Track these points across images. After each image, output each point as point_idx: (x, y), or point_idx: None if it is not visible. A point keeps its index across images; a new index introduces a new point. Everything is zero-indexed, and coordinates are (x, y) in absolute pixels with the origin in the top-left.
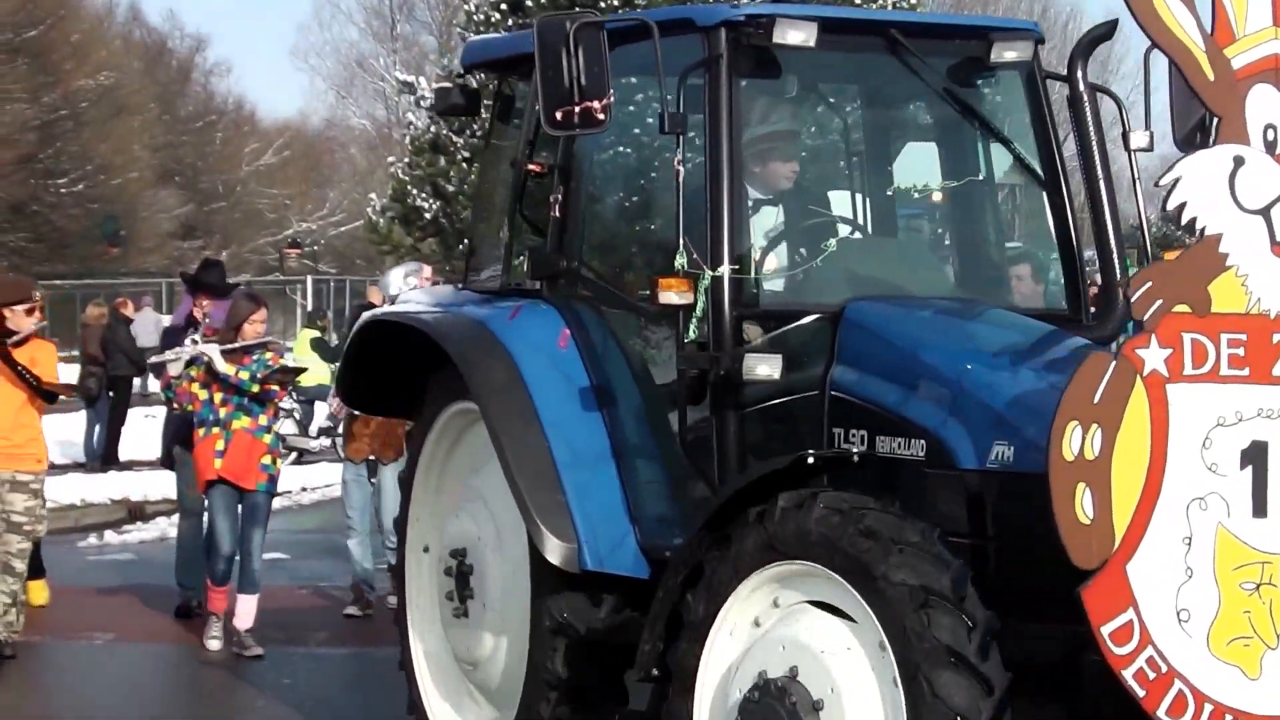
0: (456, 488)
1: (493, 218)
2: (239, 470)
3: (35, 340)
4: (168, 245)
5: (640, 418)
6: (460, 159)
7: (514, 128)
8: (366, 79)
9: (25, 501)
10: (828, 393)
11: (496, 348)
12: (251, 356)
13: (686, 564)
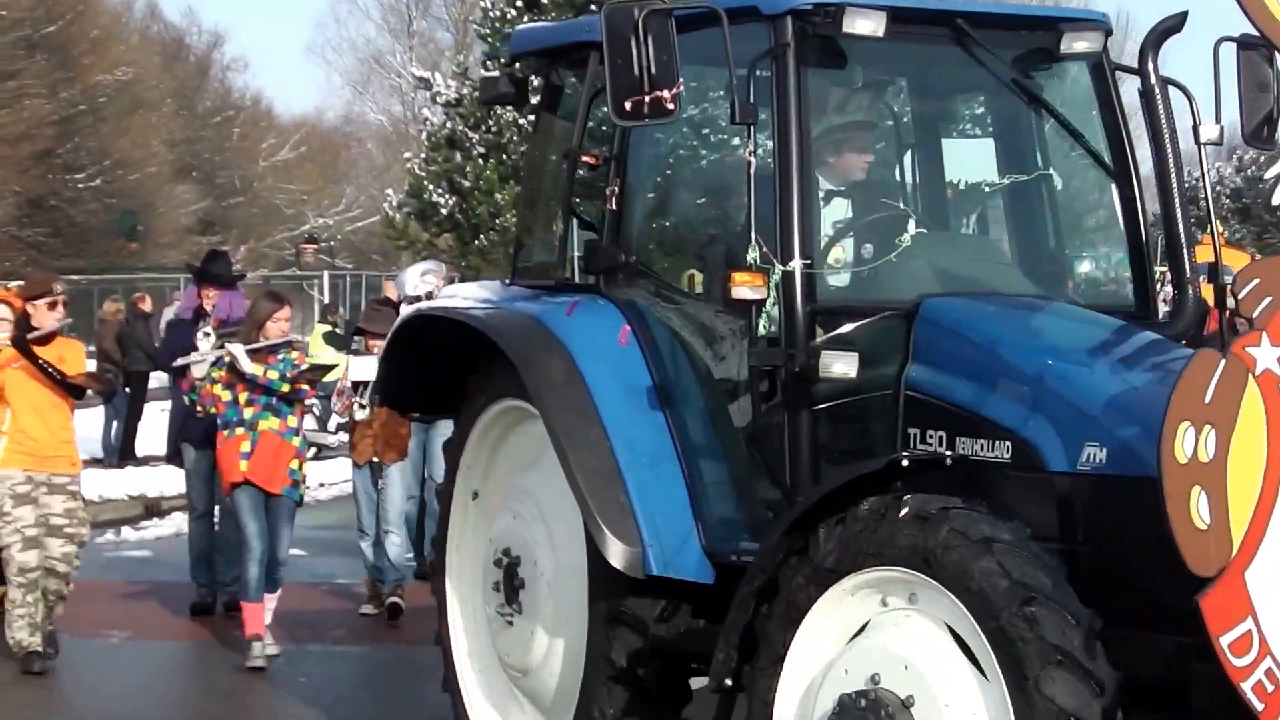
0: (501, 488)
1: (539, 211)
2: (266, 473)
3: (62, 339)
4: (185, 240)
5: (703, 416)
6: (476, 155)
7: (562, 119)
8: (383, 75)
9: (64, 503)
10: (902, 392)
11: (554, 345)
12: (276, 356)
13: (765, 570)
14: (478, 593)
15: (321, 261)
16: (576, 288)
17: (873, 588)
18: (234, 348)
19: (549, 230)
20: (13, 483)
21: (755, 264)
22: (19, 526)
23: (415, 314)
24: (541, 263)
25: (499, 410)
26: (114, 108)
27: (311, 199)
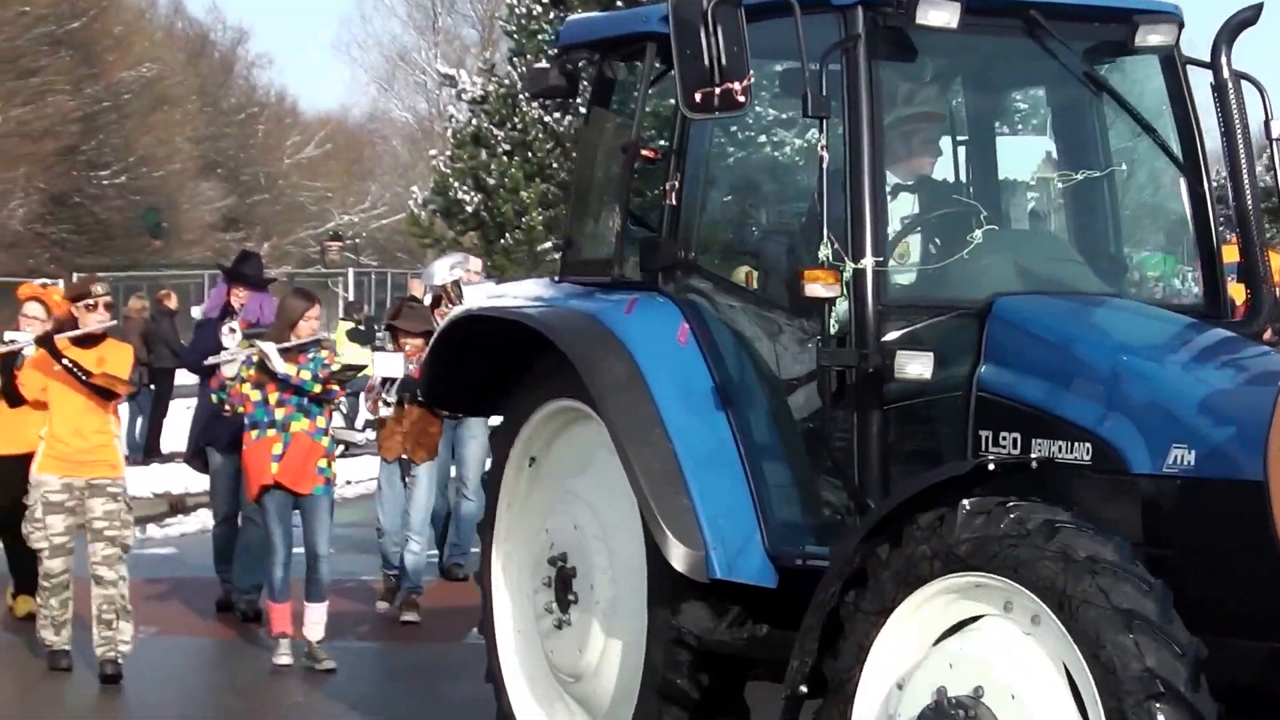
0: (551, 489)
1: (591, 206)
2: (296, 475)
3: (111, 341)
4: (209, 237)
5: (765, 417)
6: (501, 152)
7: (613, 112)
8: (408, 72)
9: (104, 506)
10: (974, 393)
11: (614, 344)
12: (307, 355)
13: (843, 574)
14: (526, 591)
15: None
16: (633, 285)
17: (964, 592)
18: (265, 346)
19: (602, 226)
20: (46, 489)
21: (828, 261)
22: (49, 534)
23: (464, 312)
24: (594, 259)
25: (550, 411)
26: (138, 104)
27: (336, 196)
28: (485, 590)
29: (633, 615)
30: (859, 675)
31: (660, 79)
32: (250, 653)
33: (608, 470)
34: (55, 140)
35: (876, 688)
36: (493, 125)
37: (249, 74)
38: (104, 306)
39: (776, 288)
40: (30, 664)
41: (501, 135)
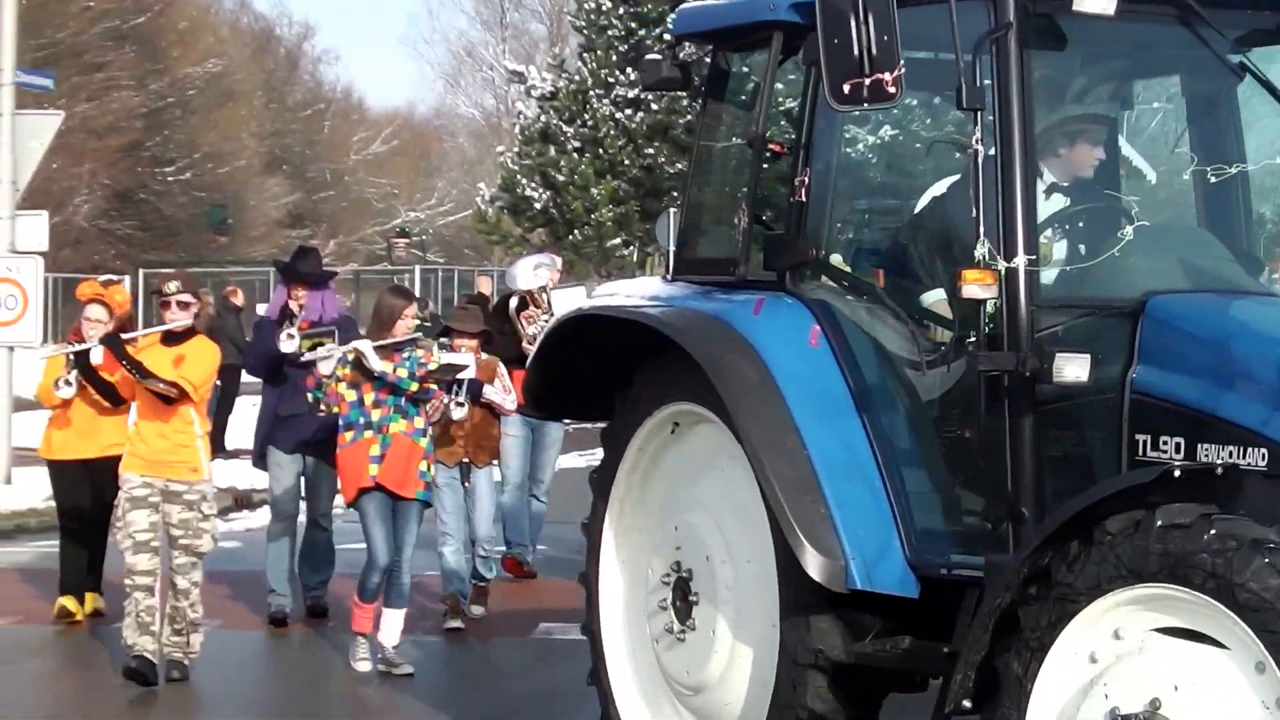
0: (667, 495)
1: (706, 203)
2: (399, 477)
3: (199, 339)
4: (275, 234)
5: (903, 421)
6: (570, 149)
7: (730, 104)
8: (475, 68)
9: (180, 514)
10: (1128, 395)
11: (743, 346)
12: (402, 354)
13: (1009, 586)
14: (638, 597)
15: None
16: (759, 285)
17: (1140, 603)
18: (361, 345)
19: (721, 223)
20: (129, 486)
21: (983, 260)
22: (131, 531)
23: (575, 313)
24: (713, 258)
25: (668, 415)
26: (203, 100)
27: (403, 193)
28: (591, 592)
29: (759, 628)
30: (1030, 687)
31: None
32: (312, 645)
33: (731, 477)
34: (120, 136)
35: (1047, 710)
36: (562, 122)
37: (315, 69)
38: (177, 304)
39: (912, 287)
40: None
41: (571, 132)
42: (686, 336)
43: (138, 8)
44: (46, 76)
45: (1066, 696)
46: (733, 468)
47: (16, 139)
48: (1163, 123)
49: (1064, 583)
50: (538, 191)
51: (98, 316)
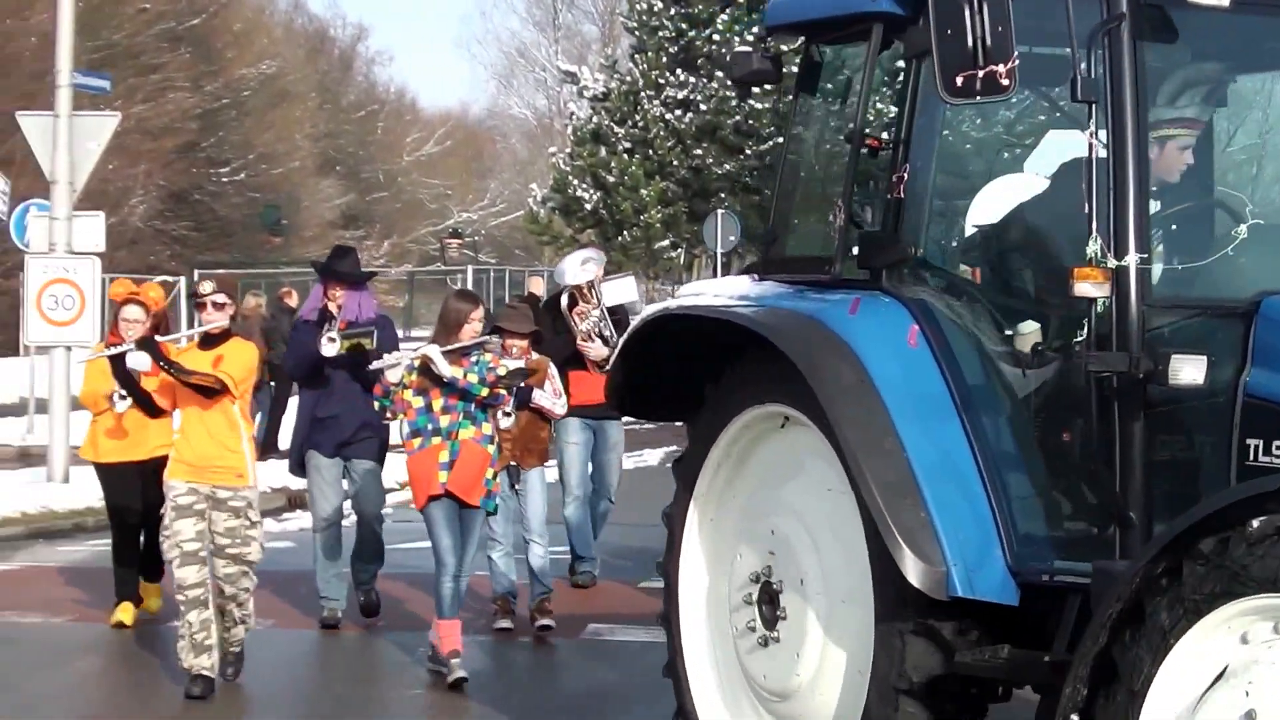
0: (752, 497)
1: (798, 200)
2: (468, 485)
3: (233, 340)
4: (329, 235)
5: (1004, 424)
6: (621, 150)
7: (822, 98)
8: (528, 69)
9: (226, 521)
10: (1241, 398)
11: (840, 346)
12: (470, 359)
13: (1124, 596)
14: (720, 598)
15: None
16: (853, 284)
17: (1263, 612)
18: (430, 350)
19: (814, 220)
20: (175, 494)
21: (1096, 259)
22: (178, 540)
23: (660, 311)
24: (805, 256)
25: (755, 416)
26: (257, 101)
27: (455, 193)
28: (670, 583)
29: (851, 636)
30: (1145, 696)
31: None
32: (367, 646)
33: (821, 479)
34: (175, 137)
35: (1164, 709)
36: (613, 123)
37: (368, 70)
38: (213, 305)
39: (1015, 285)
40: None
41: (622, 133)
42: (782, 336)
43: (193, 9)
44: (103, 78)
45: (1185, 704)
46: (823, 470)
47: (74, 140)
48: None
49: (1186, 590)
50: (589, 192)
51: (135, 317)
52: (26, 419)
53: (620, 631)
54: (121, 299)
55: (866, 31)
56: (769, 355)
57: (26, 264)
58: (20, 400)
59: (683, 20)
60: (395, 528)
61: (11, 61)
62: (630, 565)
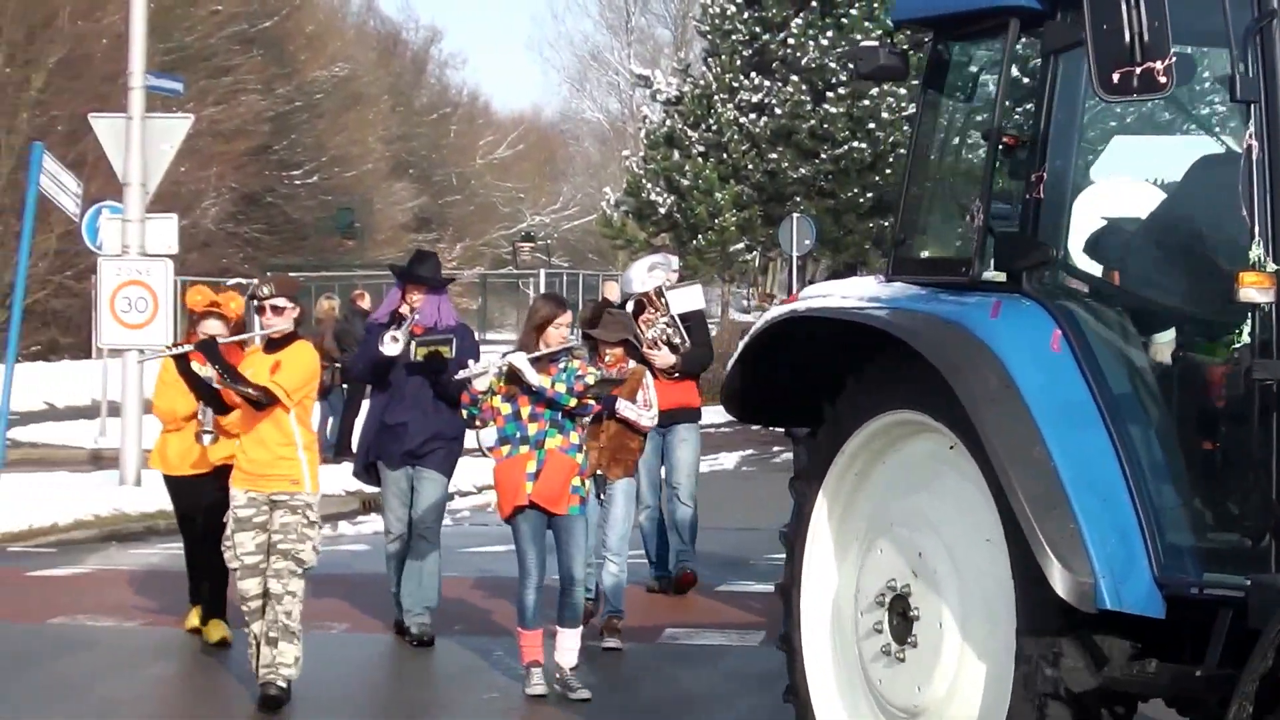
0: (878, 508)
1: (927, 199)
2: (553, 495)
3: (295, 344)
4: (401, 238)
5: (1153, 432)
6: (695, 154)
7: (950, 96)
8: (601, 72)
9: (283, 518)
10: None
11: (983, 350)
12: (558, 365)
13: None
14: (846, 613)
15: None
16: (992, 286)
17: None
18: (516, 359)
19: (946, 220)
20: (235, 504)
21: (1259, 263)
22: (239, 553)
23: (787, 314)
24: (939, 258)
25: (885, 423)
26: (330, 104)
27: (528, 197)
28: (791, 604)
29: (990, 650)
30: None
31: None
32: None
33: (954, 489)
34: (247, 140)
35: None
36: (687, 126)
37: (441, 73)
38: (272, 309)
39: (1159, 288)
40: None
41: (696, 136)
42: (923, 340)
43: (265, 11)
44: (176, 80)
45: None
46: (956, 480)
47: (147, 142)
48: None
49: None
50: (662, 196)
51: (214, 331)
52: (99, 422)
53: (698, 636)
54: (201, 310)
55: (998, 27)
56: (901, 360)
57: (100, 266)
58: (92, 403)
59: (756, 24)
60: (473, 531)
61: (83, 63)
62: (707, 570)
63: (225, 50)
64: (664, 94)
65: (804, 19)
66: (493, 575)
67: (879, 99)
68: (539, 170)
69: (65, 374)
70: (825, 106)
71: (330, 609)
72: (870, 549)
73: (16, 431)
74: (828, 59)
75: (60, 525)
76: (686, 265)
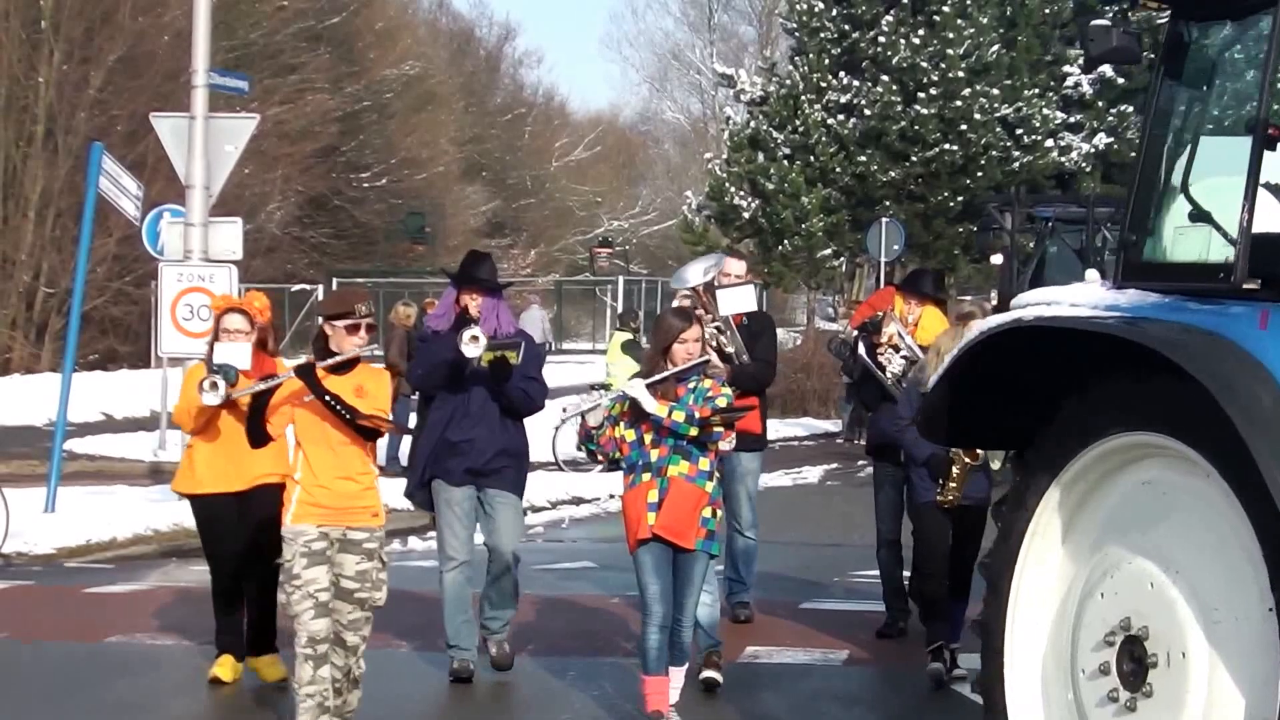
0: (1101, 539)
1: (1164, 197)
2: (679, 526)
3: (365, 366)
4: (474, 243)
5: None
6: (781, 156)
7: (1191, 83)
8: (682, 71)
9: (357, 564)
10: None
11: (1254, 366)
12: (687, 386)
13: None
14: (1060, 654)
15: (615, 267)
16: (1252, 294)
17: None
18: (633, 388)
19: (1189, 220)
20: (306, 539)
21: None
22: (312, 590)
23: (1011, 324)
24: (1187, 262)
25: (1115, 446)
26: (400, 104)
27: (606, 201)
28: (993, 641)
29: (1249, 699)
30: None
31: None
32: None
33: (1203, 520)
34: (314, 141)
35: None
36: (772, 128)
37: (516, 72)
38: (366, 328)
39: None
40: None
41: (781, 138)
42: (1187, 354)
43: (333, 8)
44: (241, 79)
45: None
46: (1203, 510)
47: (210, 143)
48: None
49: None
50: (746, 200)
51: (237, 326)
52: (158, 434)
53: (780, 654)
54: (221, 309)
55: (1248, 7)
56: (1143, 376)
57: (161, 272)
58: (151, 414)
59: (845, 21)
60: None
61: (144, 61)
62: (789, 585)
63: (291, 47)
64: (748, 94)
65: (895, 16)
66: (566, 594)
67: (971, 99)
68: (617, 173)
69: (124, 384)
70: (916, 107)
71: (399, 626)
72: (1096, 584)
73: (73, 443)
74: (919, 58)
75: (119, 540)
76: (772, 271)
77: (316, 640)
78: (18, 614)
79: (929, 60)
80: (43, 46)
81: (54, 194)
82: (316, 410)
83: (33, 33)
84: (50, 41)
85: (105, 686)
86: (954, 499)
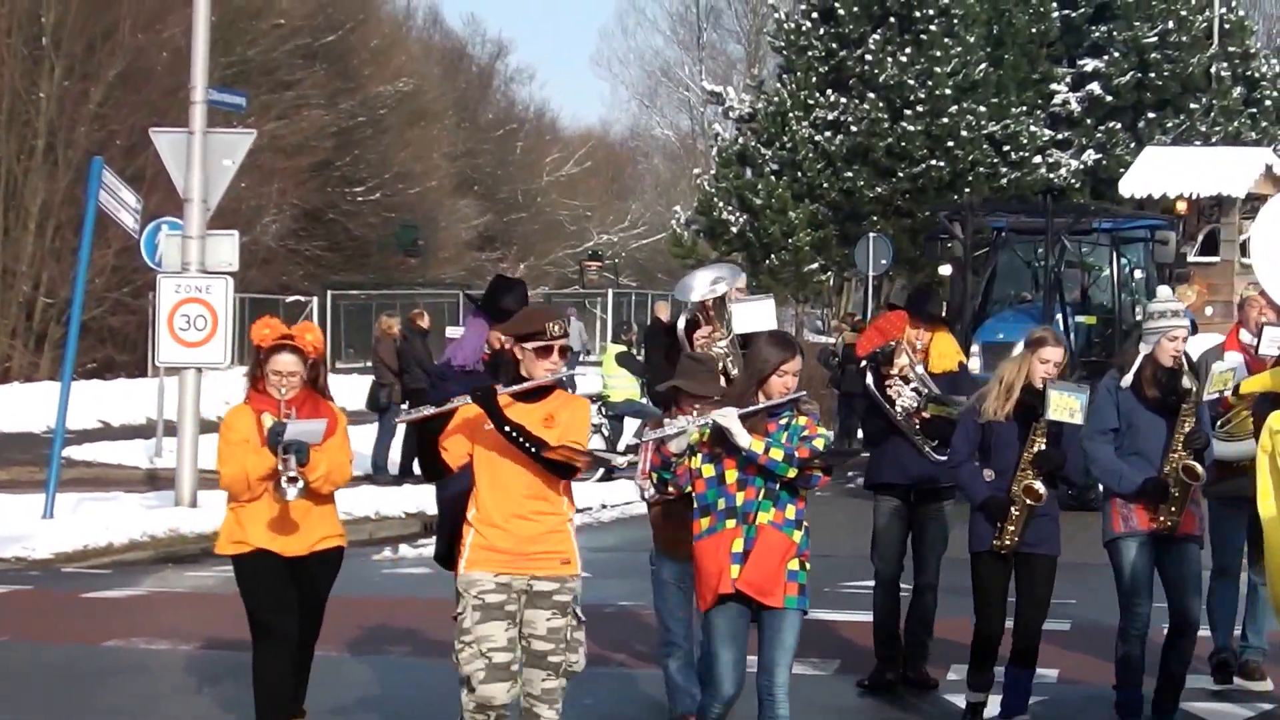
0: None
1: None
2: (765, 582)
3: (563, 395)
4: (465, 256)
5: None
6: (769, 172)
7: None
8: (671, 88)
9: (550, 621)
10: None
11: None
12: (779, 422)
13: None
14: None
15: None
16: None
17: None
18: (724, 416)
19: None
20: (480, 590)
21: None
22: (485, 650)
23: None
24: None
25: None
26: (394, 119)
27: (595, 215)
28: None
29: None
30: None
31: None
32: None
33: None
34: (309, 155)
35: None
36: (760, 144)
37: (508, 88)
38: (560, 351)
39: None
40: None
41: (769, 154)
42: None
43: (329, 25)
44: (238, 95)
45: None
46: None
47: (208, 157)
48: None
49: None
50: (734, 215)
51: (290, 369)
52: (154, 441)
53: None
54: (270, 343)
55: None
56: None
57: (158, 283)
58: (148, 422)
59: (832, 40)
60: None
61: (144, 77)
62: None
63: (288, 64)
64: (736, 111)
65: (881, 35)
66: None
67: (958, 116)
68: (607, 188)
69: (121, 392)
70: (903, 124)
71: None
72: None
73: (71, 450)
74: (906, 76)
75: (115, 546)
76: (759, 286)
77: (490, 707)
78: (16, 618)
79: (916, 78)
80: (44, 62)
81: (54, 206)
82: (494, 441)
83: (34, 49)
84: (51, 57)
85: (102, 690)
86: (1011, 544)
